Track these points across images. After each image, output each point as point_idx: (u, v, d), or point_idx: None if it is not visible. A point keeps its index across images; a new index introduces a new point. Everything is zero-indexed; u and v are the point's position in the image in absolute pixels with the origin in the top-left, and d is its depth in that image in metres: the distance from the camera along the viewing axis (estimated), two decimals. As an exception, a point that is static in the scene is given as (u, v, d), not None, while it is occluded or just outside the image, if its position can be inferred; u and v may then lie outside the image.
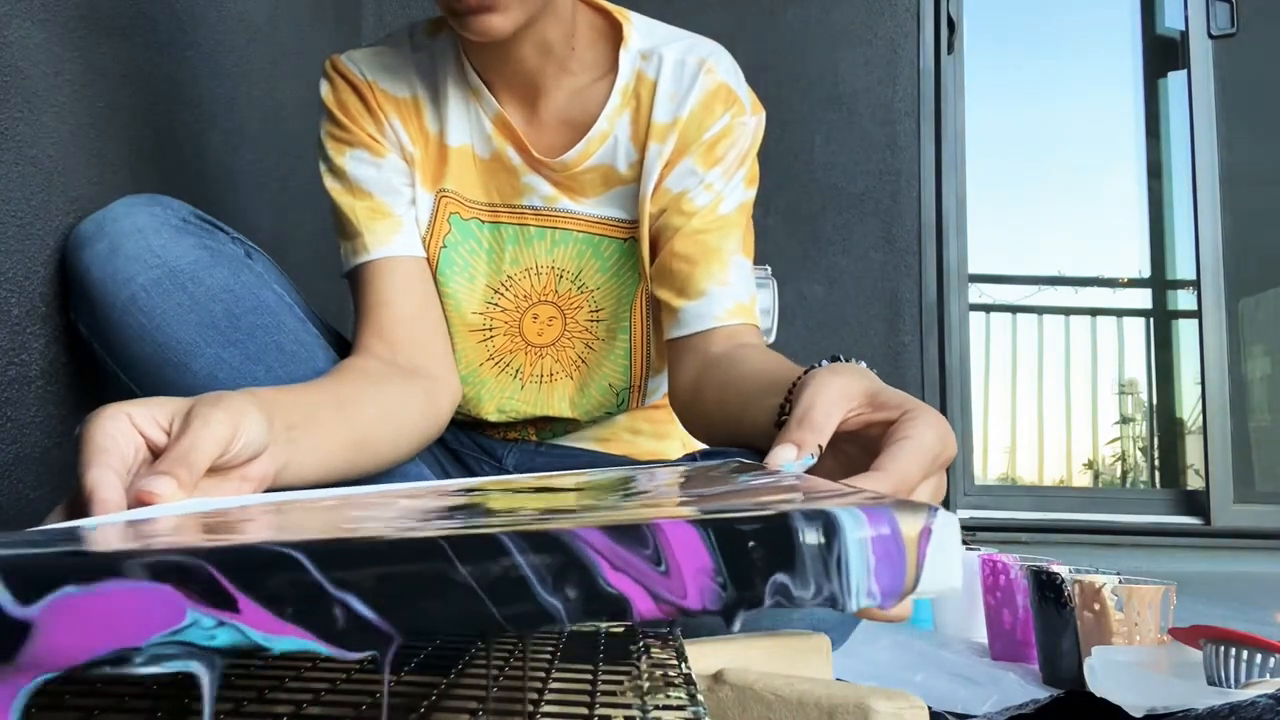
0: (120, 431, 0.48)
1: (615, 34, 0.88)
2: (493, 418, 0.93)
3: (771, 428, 0.60)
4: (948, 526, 0.26)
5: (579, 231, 0.90)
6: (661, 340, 0.92)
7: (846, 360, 0.58)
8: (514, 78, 0.86)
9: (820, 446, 0.48)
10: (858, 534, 0.24)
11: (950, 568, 0.26)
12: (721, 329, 0.83)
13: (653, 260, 0.88)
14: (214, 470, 0.51)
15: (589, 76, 0.88)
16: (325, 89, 0.88)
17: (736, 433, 0.70)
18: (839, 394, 0.49)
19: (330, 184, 0.87)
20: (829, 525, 0.24)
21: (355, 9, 2.02)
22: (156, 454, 0.50)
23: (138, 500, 0.45)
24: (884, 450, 0.45)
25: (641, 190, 0.87)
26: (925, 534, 0.25)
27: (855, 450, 0.51)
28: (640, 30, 0.88)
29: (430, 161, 0.89)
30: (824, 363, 0.58)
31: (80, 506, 0.45)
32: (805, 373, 0.57)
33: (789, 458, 0.47)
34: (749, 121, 0.88)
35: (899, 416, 0.47)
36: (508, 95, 0.87)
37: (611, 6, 0.89)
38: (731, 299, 0.83)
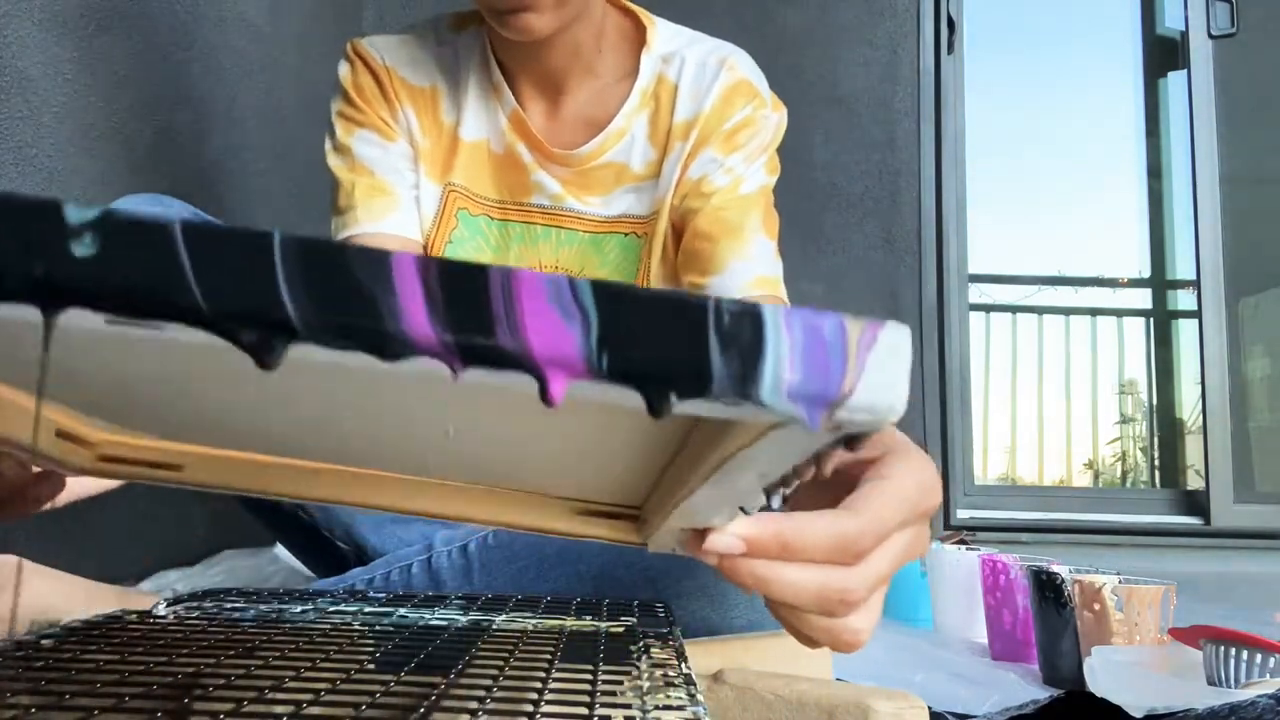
0: None
1: (640, 37, 0.88)
2: (493, 416, 0.93)
3: None
4: (897, 335, 0.21)
5: (584, 231, 0.90)
6: None
7: None
8: (540, 74, 0.86)
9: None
10: (775, 317, 0.20)
11: (895, 383, 0.21)
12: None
13: (678, 253, 0.88)
14: None
15: (612, 78, 0.88)
16: (344, 69, 0.88)
17: None
18: None
19: (333, 161, 0.87)
20: (743, 310, 0.20)
21: (355, 9, 2.02)
22: None
23: None
24: (858, 488, 0.41)
25: (661, 187, 0.87)
26: (868, 337, 0.21)
27: (837, 487, 0.45)
28: (664, 34, 0.89)
29: (440, 154, 0.89)
30: None
31: None
32: None
33: None
34: (771, 116, 0.88)
35: (880, 455, 0.43)
36: (531, 92, 0.88)
37: (638, 9, 0.90)
38: (753, 272, 0.82)
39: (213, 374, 0.30)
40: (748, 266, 0.82)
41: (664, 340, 0.20)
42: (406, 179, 0.87)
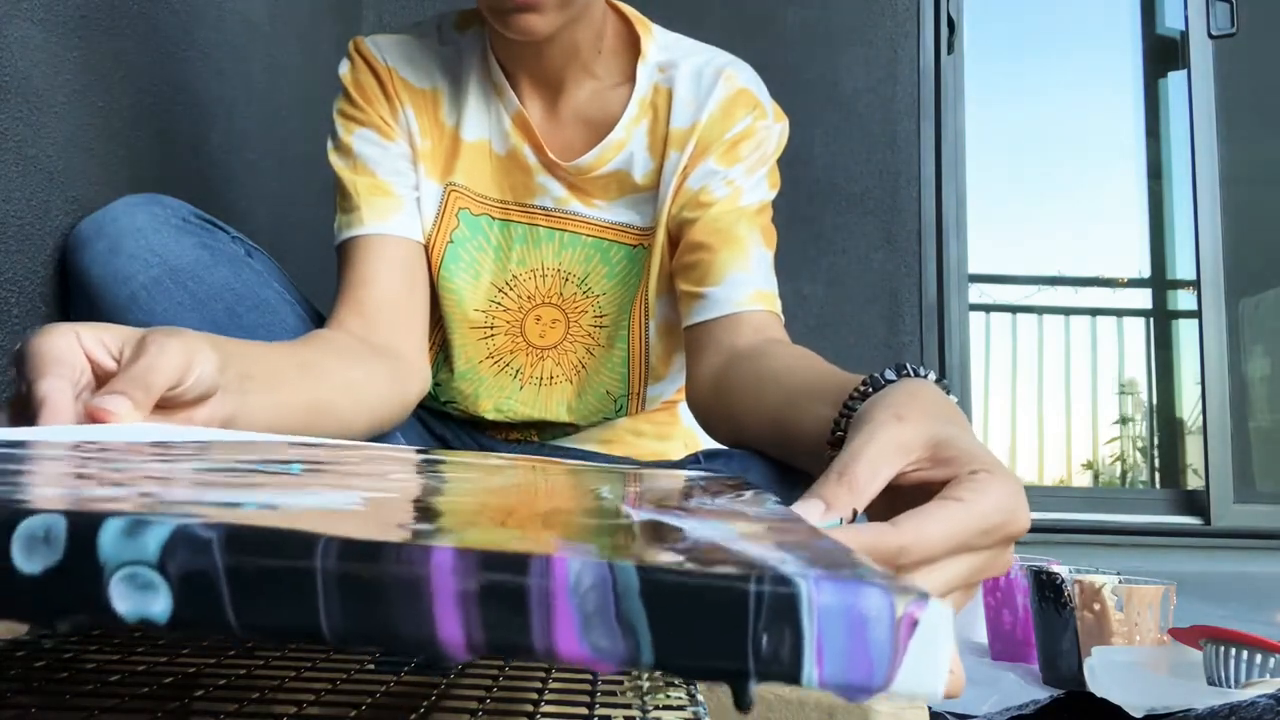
0: (69, 348, 0.46)
1: (637, 45, 0.88)
2: (490, 416, 0.93)
3: (822, 442, 0.54)
4: (939, 619, 0.21)
5: (588, 235, 0.90)
6: (665, 346, 0.92)
7: (915, 373, 0.49)
8: (539, 74, 0.86)
9: (855, 511, 0.40)
10: (813, 620, 0.20)
11: (934, 669, 0.21)
12: (746, 316, 0.80)
13: (673, 261, 0.87)
14: (161, 405, 0.47)
15: (610, 81, 0.88)
16: (345, 68, 0.88)
17: (773, 434, 0.66)
18: (895, 447, 0.40)
19: (335, 160, 0.87)
20: (783, 613, 0.20)
21: (355, 9, 2.02)
22: (101, 381, 0.47)
23: (90, 418, 0.43)
24: (925, 506, 0.37)
25: (660, 197, 0.87)
26: (909, 621, 0.21)
27: (917, 499, 0.42)
28: (659, 43, 0.89)
29: (441, 154, 0.89)
30: (888, 373, 0.49)
31: (27, 416, 0.43)
32: (864, 387, 0.49)
33: (813, 516, 0.38)
34: (773, 127, 0.88)
35: (963, 473, 0.39)
36: (530, 90, 0.88)
37: (635, 17, 0.89)
38: (753, 285, 0.81)
39: None
40: (748, 279, 0.81)
41: (706, 654, 0.20)
42: (407, 179, 0.87)
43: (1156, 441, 3.19)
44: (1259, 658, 0.75)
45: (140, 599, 0.19)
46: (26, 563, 0.19)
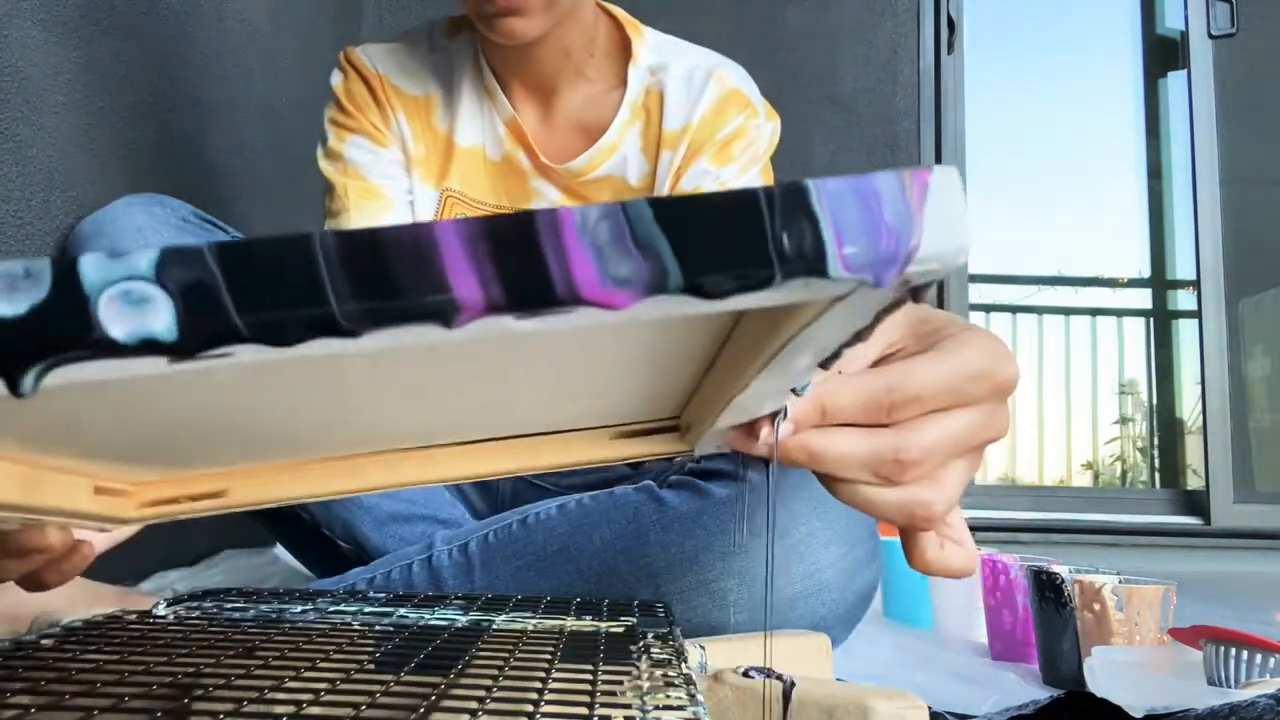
0: None
1: (629, 48, 0.88)
2: (492, 418, 0.93)
3: None
4: (947, 177, 0.21)
5: None
6: None
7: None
8: (531, 78, 0.86)
9: (839, 372, 0.39)
10: (822, 200, 0.20)
11: (956, 225, 0.21)
12: None
13: None
14: None
15: (604, 85, 0.88)
16: (337, 78, 0.89)
17: None
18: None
19: (325, 166, 0.87)
20: (793, 202, 0.19)
21: (355, 9, 2.01)
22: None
23: None
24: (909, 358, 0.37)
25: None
26: (919, 187, 0.20)
27: None
28: (650, 45, 0.89)
29: (435, 160, 0.89)
30: None
31: None
32: None
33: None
34: (764, 125, 0.88)
35: (941, 340, 0.39)
36: (523, 95, 0.88)
37: (626, 20, 0.89)
38: None
39: (252, 391, 0.29)
40: None
41: (731, 263, 0.19)
42: (399, 184, 0.88)
43: (1156, 441, 3.19)
44: (1259, 658, 0.75)
45: (137, 316, 0.18)
46: (9, 306, 0.18)
